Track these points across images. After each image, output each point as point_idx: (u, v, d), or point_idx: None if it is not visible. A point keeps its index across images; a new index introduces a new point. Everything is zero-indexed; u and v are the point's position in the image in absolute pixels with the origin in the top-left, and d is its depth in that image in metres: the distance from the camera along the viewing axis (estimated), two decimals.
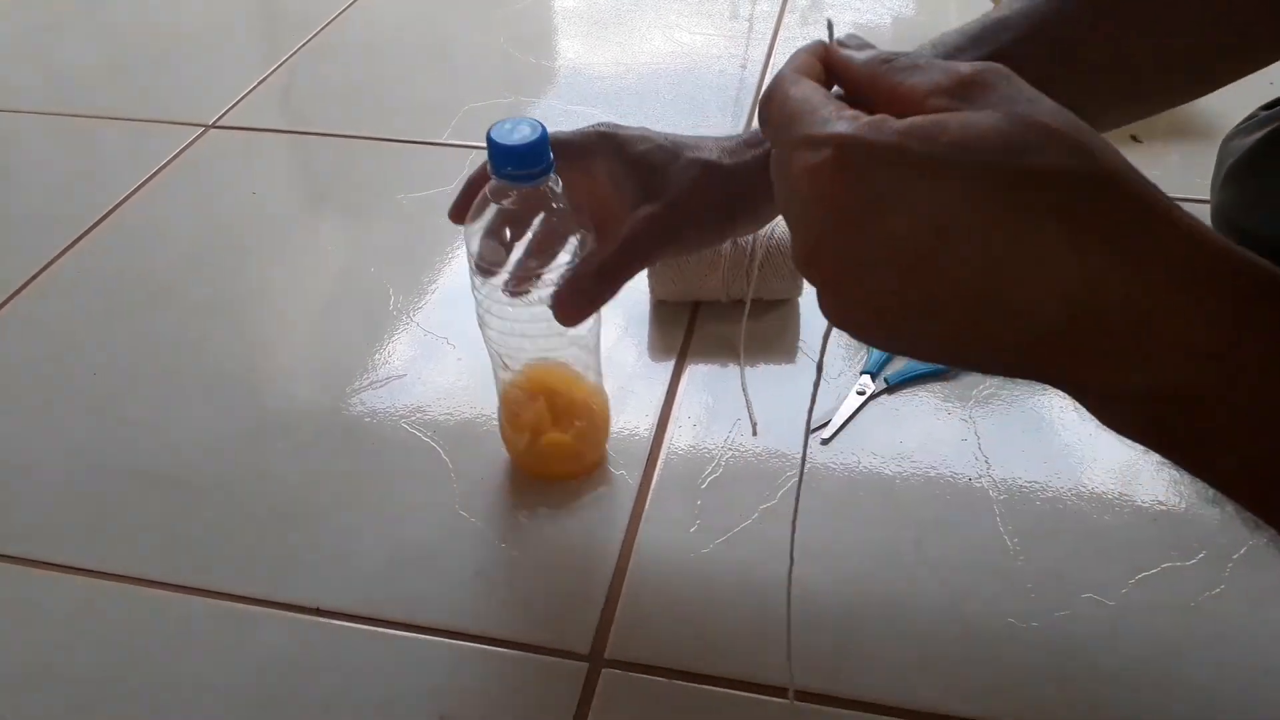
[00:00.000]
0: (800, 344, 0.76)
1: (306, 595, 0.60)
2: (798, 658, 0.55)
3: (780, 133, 0.33)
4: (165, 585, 0.61)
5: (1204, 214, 0.83)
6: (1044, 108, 0.29)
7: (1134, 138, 0.95)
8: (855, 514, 0.63)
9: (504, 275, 0.56)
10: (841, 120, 0.30)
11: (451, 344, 0.77)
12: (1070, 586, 0.59)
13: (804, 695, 0.54)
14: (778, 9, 1.24)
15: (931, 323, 0.30)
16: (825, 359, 0.40)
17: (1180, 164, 0.92)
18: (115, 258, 0.88)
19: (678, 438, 0.69)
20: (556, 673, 0.56)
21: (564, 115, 1.05)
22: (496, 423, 0.67)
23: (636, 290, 0.81)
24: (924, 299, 0.29)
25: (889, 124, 0.29)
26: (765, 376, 0.73)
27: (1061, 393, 0.31)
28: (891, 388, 0.71)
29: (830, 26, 0.40)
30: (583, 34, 1.22)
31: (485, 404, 0.71)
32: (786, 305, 0.78)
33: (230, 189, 0.96)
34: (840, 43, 0.36)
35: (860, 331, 0.32)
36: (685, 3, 1.27)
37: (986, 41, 0.50)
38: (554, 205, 0.53)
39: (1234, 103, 0.69)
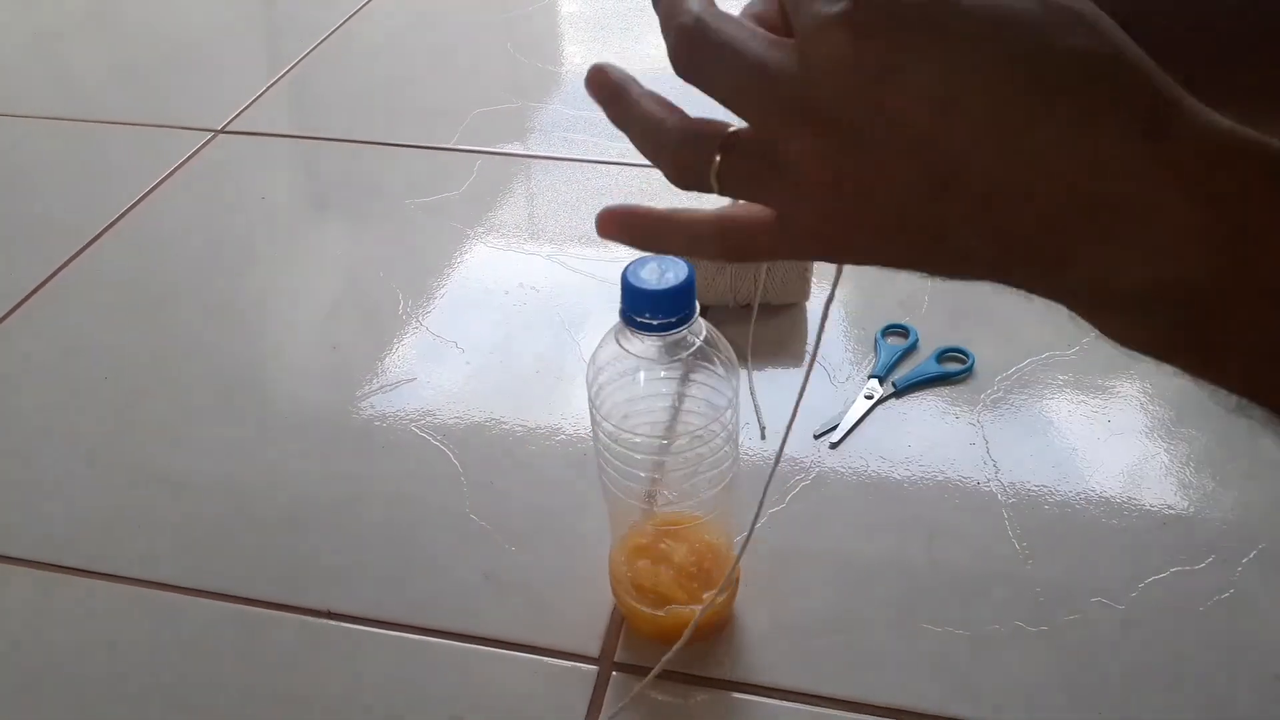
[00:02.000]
0: (807, 348, 0.76)
1: (318, 598, 0.60)
2: (807, 661, 0.56)
3: (760, 41, 0.29)
4: (178, 588, 0.61)
5: None
6: None
7: None
8: (864, 517, 0.64)
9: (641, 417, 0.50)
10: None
11: (460, 348, 0.77)
12: (1079, 590, 0.59)
13: (809, 697, 0.54)
14: None
15: (934, 208, 0.28)
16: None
17: None
18: (126, 262, 0.88)
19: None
20: (567, 675, 0.56)
21: (570, 119, 1.05)
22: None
23: None
24: (928, 181, 0.27)
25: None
26: (773, 380, 0.73)
27: (1063, 306, 0.29)
28: (899, 391, 0.71)
29: None
30: (588, 38, 1.23)
31: (495, 408, 0.72)
32: (794, 309, 0.78)
33: (240, 194, 0.97)
34: None
35: (854, 232, 0.29)
36: None
37: None
38: (698, 353, 0.47)
39: None
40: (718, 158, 0.29)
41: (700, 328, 0.46)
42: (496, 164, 0.99)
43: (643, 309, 0.44)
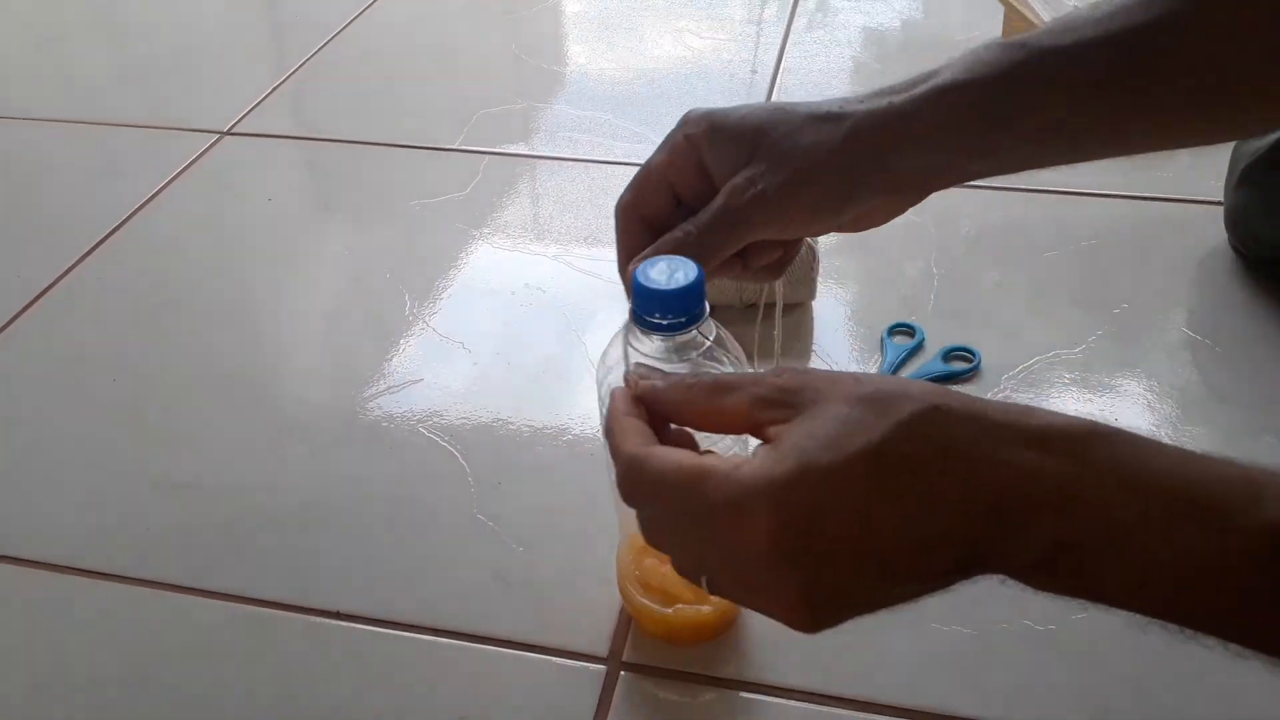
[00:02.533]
0: (814, 348, 0.76)
1: (326, 599, 0.60)
2: (814, 660, 0.56)
3: (684, 505, 0.35)
4: (186, 589, 0.61)
5: (1216, 217, 0.83)
6: (851, 384, 0.35)
7: None
8: None
9: None
10: (740, 470, 0.34)
11: (467, 348, 0.77)
12: None
13: (817, 696, 0.54)
14: (787, 13, 1.24)
15: (892, 584, 0.35)
16: None
17: (1190, 165, 0.92)
18: (132, 264, 0.89)
19: None
20: (575, 676, 0.56)
21: (574, 120, 1.05)
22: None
23: None
24: (880, 570, 0.34)
25: (774, 455, 0.34)
26: None
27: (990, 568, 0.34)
28: None
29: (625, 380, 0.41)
30: (592, 38, 1.23)
31: (501, 408, 0.72)
32: (801, 309, 0.78)
33: (246, 195, 0.97)
34: (637, 376, 0.40)
35: (843, 619, 0.36)
36: (693, 7, 1.27)
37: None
38: (707, 353, 0.47)
39: None
40: (704, 580, 0.37)
41: (710, 328, 0.46)
42: (501, 165, 0.99)
43: (652, 309, 0.43)
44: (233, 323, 0.82)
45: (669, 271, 0.43)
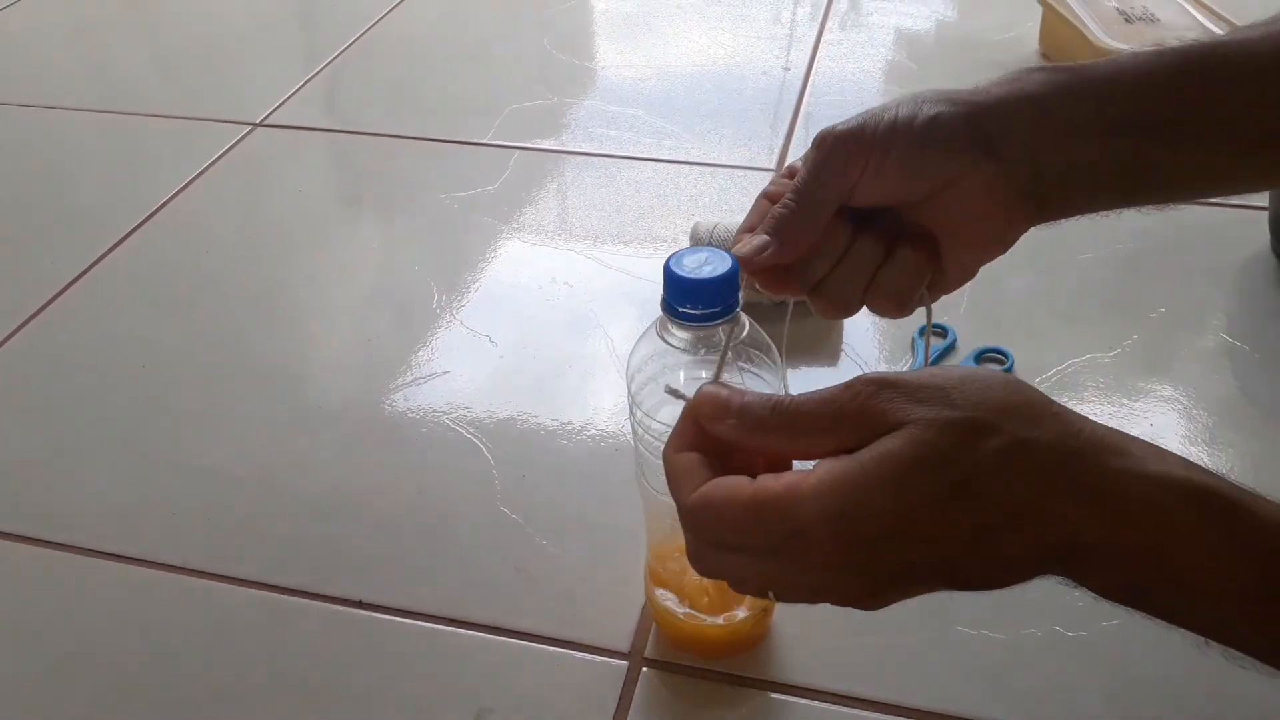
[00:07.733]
0: (843, 346, 0.75)
1: (349, 588, 0.60)
2: (841, 662, 0.55)
3: (747, 538, 0.35)
4: (210, 575, 0.61)
5: (1257, 221, 0.82)
6: (940, 404, 0.34)
7: None
8: None
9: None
10: (799, 498, 0.34)
11: (494, 342, 0.77)
12: None
13: (842, 698, 0.54)
14: (820, 13, 1.24)
15: (960, 588, 0.35)
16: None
17: None
18: (164, 253, 0.89)
19: None
20: (596, 671, 0.55)
21: (604, 116, 1.05)
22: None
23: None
24: (949, 579, 0.35)
25: (837, 478, 0.33)
26: (808, 379, 0.72)
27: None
28: None
29: (669, 390, 0.41)
30: (624, 35, 1.23)
31: (527, 402, 0.72)
32: None
33: (276, 187, 0.97)
34: (706, 414, 0.38)
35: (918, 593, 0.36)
36: (724, 5, 1.27)
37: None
38: (738, 349, 0.46)
39: None
40: (771, 594, 0.37)
41: (744, 325, 0.45)
42: (531, 159, 0.99)
43: (685, 299, 0.43)
44: (261, 313, 0.82)
45: (703, 262, 0.42)
